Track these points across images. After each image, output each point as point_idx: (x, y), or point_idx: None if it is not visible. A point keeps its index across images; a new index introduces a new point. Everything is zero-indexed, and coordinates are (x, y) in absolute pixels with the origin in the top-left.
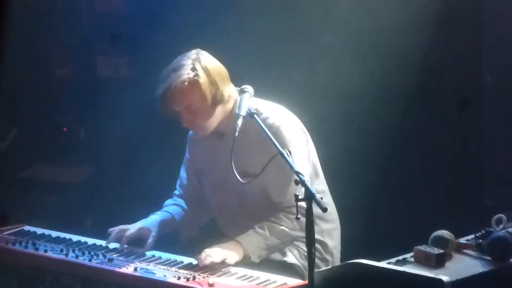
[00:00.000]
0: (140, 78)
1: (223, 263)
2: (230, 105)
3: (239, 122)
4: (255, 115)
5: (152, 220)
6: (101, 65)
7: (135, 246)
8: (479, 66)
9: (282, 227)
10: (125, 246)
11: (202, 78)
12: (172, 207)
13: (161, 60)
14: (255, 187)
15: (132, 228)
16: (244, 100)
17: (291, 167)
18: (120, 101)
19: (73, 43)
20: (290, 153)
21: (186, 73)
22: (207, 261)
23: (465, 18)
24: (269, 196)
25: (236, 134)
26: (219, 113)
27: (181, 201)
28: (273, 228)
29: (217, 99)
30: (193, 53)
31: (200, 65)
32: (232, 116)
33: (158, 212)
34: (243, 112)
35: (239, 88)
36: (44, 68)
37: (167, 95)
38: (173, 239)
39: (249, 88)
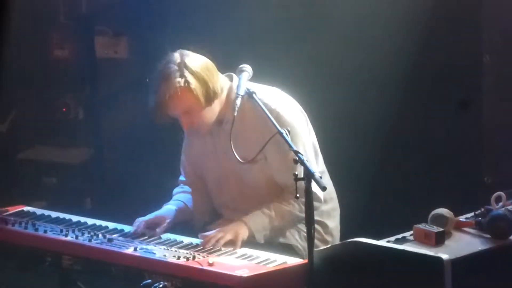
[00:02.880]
0: (139, 58)
1: (236, 241)
2: (224, 95)
3: (238, 101)
4: (254, 94)
5: (167, 210)
6: (100, 46)
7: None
8: (479, 47)
9: (288, 209)
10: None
11: (193, 83)
12: (182, 195)
13: (160, 40)
14: (257, 172)
15: (148, 216)
16: (242, 80)
17: (290, 146)
18: (119, 82)
19: (71, 24)
20: (288, 132)
21: (176, 81)
22: (220, 243)
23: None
24: (273, 181)
25: (235, 114)
26: (215, 107)
27: (188, 188)
28: (279, 210)
29: (211, 96)
30: (177, 57)
31: (187, 69)
32: (228, 103)
33: (171, 202)
34: (241, 92)
35: (228, 73)
36: (42, 49)
37: (160, 106)
38: (186, 225)
39: (247, 67)
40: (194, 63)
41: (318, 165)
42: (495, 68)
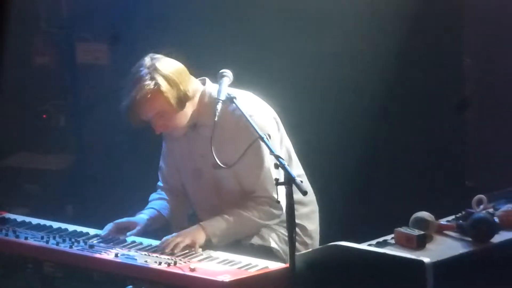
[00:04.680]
0: (120, 64)
1: (193, 245)
2: (196, 98)
3: (219, 106)
4: (234, 99)
5: (138, 218)
6: (81, 52)
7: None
8: (461, 49)
9: (248, 215)
10: (108, 230)
11: (163, 86)
12: (158, 202)
13: (142, 46)
14: (230, 177)
15: (120, 220)
16: (223, 85)
17: (271, 150)
18: (100, 88)
19: (52, 30)
20: (269, 136)
21: (146, 84)
22: (179, 247)
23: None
24: (242, 184)
25: (216, 119)
26: (188, 109)
27: (165, 195)
28: (239, 216)
29: (182, 99)
30: (147, 61)
31: (158, 72)
32: (201, 106)
33: (145, 211)
34: (222, 97)
35: (202, 78)
36: (23, 56)
37: (132, 109)
38: (164, 230)
39: (228, 73)
40: (165, 66)
41: (294, 169)
42: (477, 72)
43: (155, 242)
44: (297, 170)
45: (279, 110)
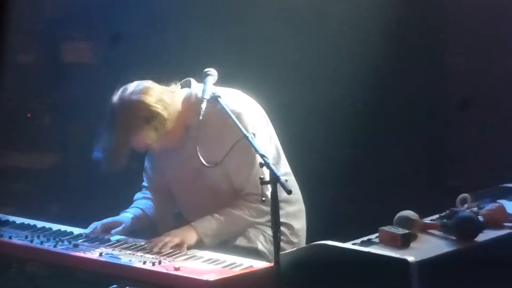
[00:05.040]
0: (104, 63)
1: (182, 246)
2: (179, 105)
3: (203, 105)
4: (219, 98)
5: (123, 216)
6: (65, 51)
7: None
8: (444, 50)
9: (239, 214)
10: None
11: (142, 126)
12: (142, 201)
13: (126, 44)
14: (218, 177)
15: (105, 220)
16: (207, 84)
17: (256, 150)
18: (84, 87)
19: (36, 29)
20: (254, 135)
21: (124, 129)
22: (167, 246)
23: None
24: (231, 183)
25: (200, 118)
26: (176, 122)
27: (149, 194)
28: (230, 215)
29: (167, 124)
30: (120, 98)
31: (130, 110)
32: (188, 108)
33: (129, 210)
34: (207, 96)
35: (186, 79)
36: (6, 54)
37: (114, 151)
38: (151, 229)
39: (212, 71)
40: (141, 102)
41: (280, 167)
42: (460, 72)
43: (139, 241)
44: (285, 168)
45: (267, 107)
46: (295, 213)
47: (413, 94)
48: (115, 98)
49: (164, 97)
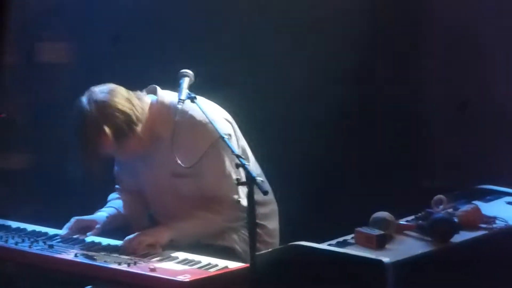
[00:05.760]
0: (79, 63)
1: (156, 245)
2: (145, 111)
3: (179, 106)
4: (195, 100)
5: (98, 216)
6: (40, 51)
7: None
8: (418, 51)
9: (213, 217)
10: (67, 232)
11: (111, 126)
12: (117, 201)
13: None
14: (190, 183)
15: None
16: (184, 85)
17: (232, 150)
18: (59, 87)
19: (11, 29)
20: (230, 136)
21: (92, 130)
22: (142, 245)
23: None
24: (202, 190)
25: (176, 118)
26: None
27: (123, 194)
28: (205, 218)
29: (130, 129)
30: (88, 107)
31: (100, 120)
32: (155, 115)
33: (104, 209)
34: (183, 96)
35: (151, 86)
36: None
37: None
38: (123, 229)
39: (189, 73)
40: (107, 108)
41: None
42: (435, 73)
43: (114, 242)
44: (255, 170)
45: (236, 109)
46: (269, 214)
47: (388, 95)
48: (82, 99)
49: (131, 99)
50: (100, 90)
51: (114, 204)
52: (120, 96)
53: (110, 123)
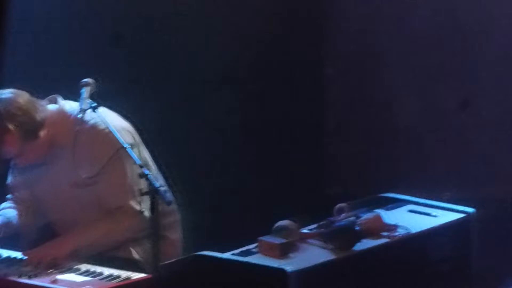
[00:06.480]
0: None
1: (60, 257)
2: (46, 118)
3: (80, 115)
4: (97, 109)
5: None
6: None
7: None
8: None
9: (114, 227)
10: None
11: (13, 124)
12: (9, 210)
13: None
14: (91, 195)
15: None
16: (85, 94)
17: (135, 160)
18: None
19: None
20: (132, 146)
21: None
22: (47, 258)
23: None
24: (104, 200)
25: (77, 128)
26: (41, 138)
27: (15, 204)
28: (106, 228)
29: (32, 132)
30: None
31: (4, 118)
32: (55, 125)
33: None
34: (85, 106)
35: (51, 96)
36: None
37: None
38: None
39: (90, 81)
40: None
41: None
42: (338, 81)
43: (14, 254)
44: (158, 180)
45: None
46: (171, 224)
47: (292, 103)
48: None
49: (35, 103)
50: (2, 92)
51: (6, 213)
52: (26, 98)
53: (15, 122)
